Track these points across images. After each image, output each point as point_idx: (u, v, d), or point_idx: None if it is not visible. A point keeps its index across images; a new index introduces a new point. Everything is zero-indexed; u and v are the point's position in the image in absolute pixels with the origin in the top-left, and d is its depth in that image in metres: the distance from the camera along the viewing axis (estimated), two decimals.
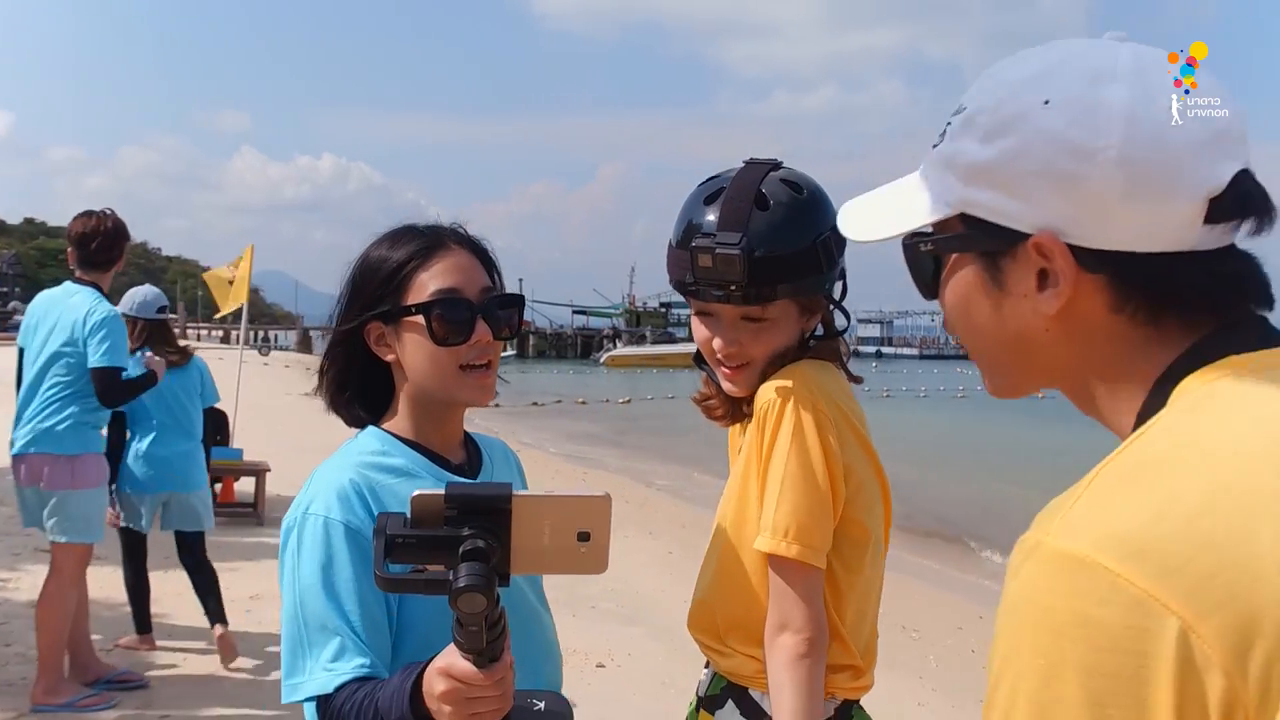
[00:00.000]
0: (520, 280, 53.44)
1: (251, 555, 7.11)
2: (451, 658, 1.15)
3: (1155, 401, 0.77)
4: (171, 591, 5.60)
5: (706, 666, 1.78)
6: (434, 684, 1.17)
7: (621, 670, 5.33)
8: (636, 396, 31.15)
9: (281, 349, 58.81)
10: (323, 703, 1.31)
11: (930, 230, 0.89)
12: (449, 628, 1.16)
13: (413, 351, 1.45)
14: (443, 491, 1.05)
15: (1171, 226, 0.77)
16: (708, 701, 1.71)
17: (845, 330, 1.74)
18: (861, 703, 1.69)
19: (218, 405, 9.40)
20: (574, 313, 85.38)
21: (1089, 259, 0.79)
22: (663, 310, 79.66)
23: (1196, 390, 0.75)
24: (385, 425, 1.51)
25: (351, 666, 1.31)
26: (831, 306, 1.68)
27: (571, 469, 14.82)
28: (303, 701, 1.35)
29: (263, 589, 6.23)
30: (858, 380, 1.72)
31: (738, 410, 1.73)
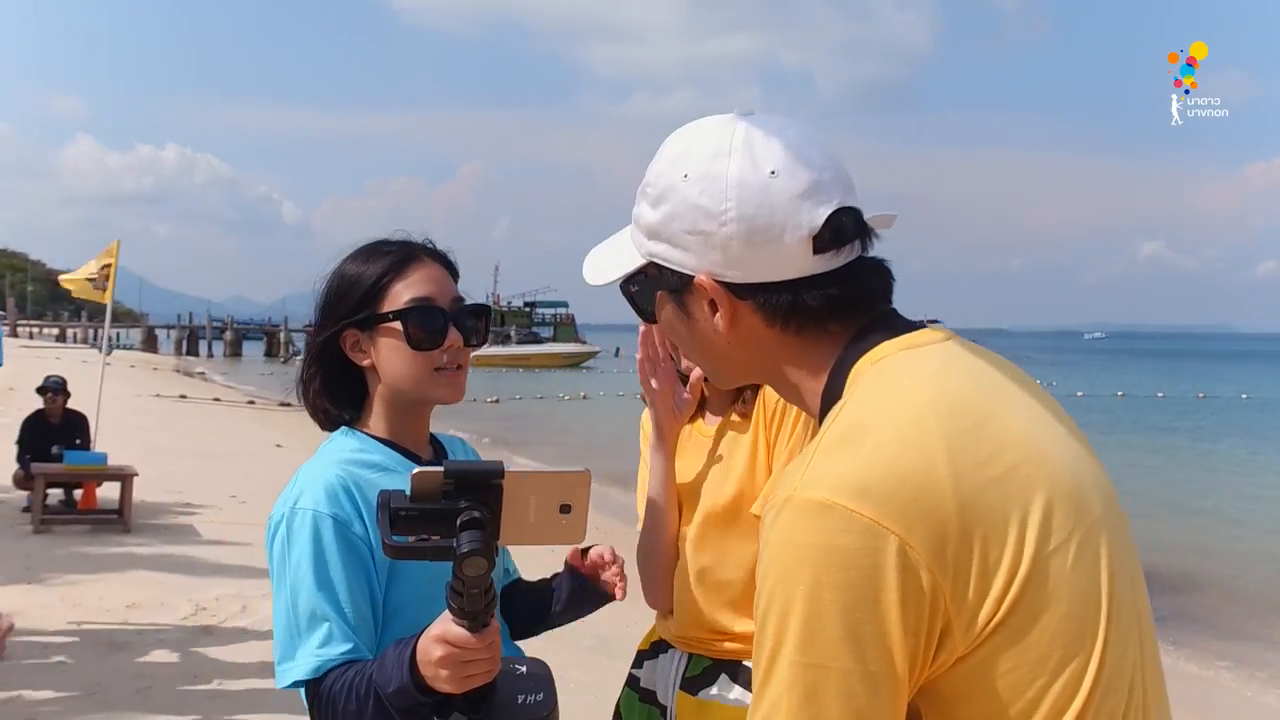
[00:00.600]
0: None
1: (122, 565, 6.78)
2: (446, 625, 1.24)
3: (834, 386, 1.02)
4: None
5: (638, 667, 1.89)
6: (430, 651, 1.26)
7: None
8: (505, 397, 30.94)
9: (125, 348, 55.74)
10: (312, 686, 1.40)
11: (636, 274, 1.12)
12: (435, 610, 1.29)
13: (389, 355, 1.56)
14: (441, 468, 1.14)
15: (788, 260, 1.01)
16: (689, 683, 1.81)
17: None
18: None
19: (77, 409, 8.96)
20: None
21: (738, 289, 1.03)
22: (527, 310, 79.18)
23: (868, 371, 0.99)
24: (359, 426, 1.61)
25: (339, 652, 1.40)
26: None
27: None
28: (293, 686, 1.42)
29: (139, 597, 5.96)
30: None
31: (698, 407, 1.87)
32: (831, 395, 1.02)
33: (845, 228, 1.01)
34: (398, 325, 1.54)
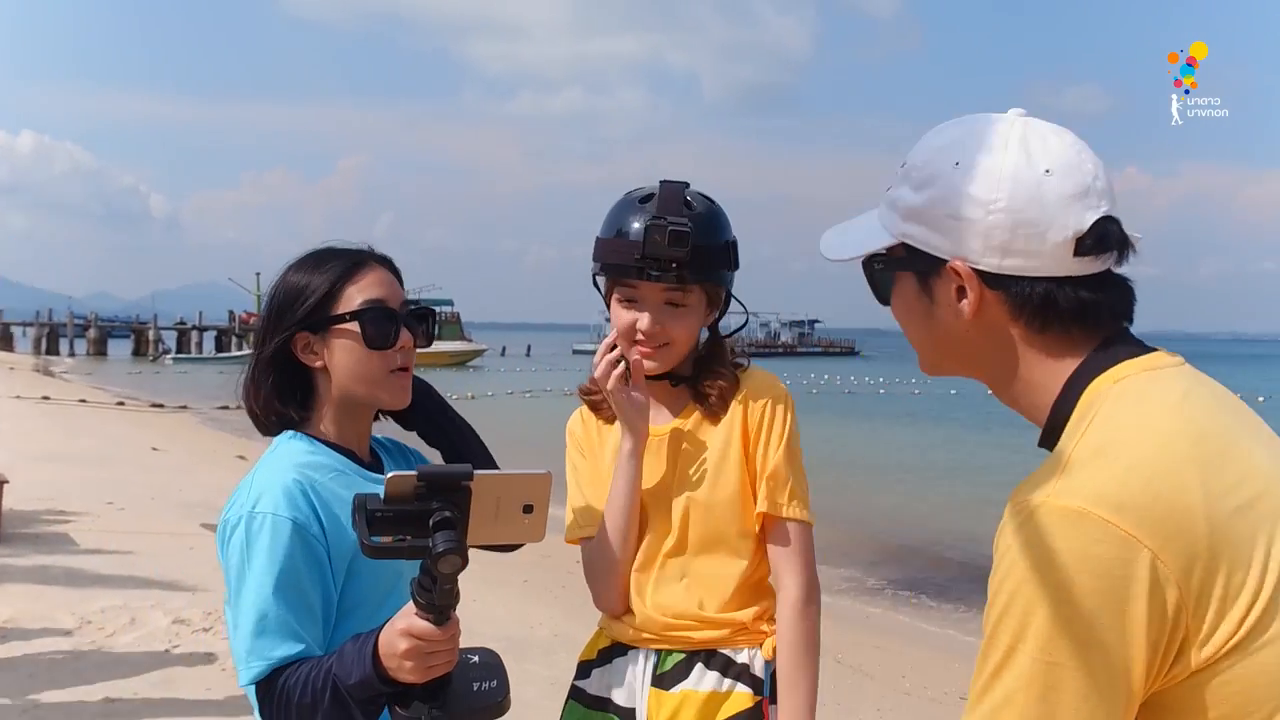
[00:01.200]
0: (258, 274, 50.26)
1: None
2: (411, 620, 1.31)
3: (1069, 395, 1.05)
4: None
5: (583, 677, 1.90)
6: (396, 644, 1.32)
7: None
8: None
9: None
10: (264, 685, 1.45)
11: (883, 253, 1.17)
12: (388, 607, 1.41)
13: (343, 356, 1.62)
14: (414, 472, 1.21)
15: (1048, 258, 1.05)
16: (662, 680, 1.83)
17: (744, 325, 2.04)
18: None
19: None
20: None
21: (990, 279, 1.07)
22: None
23: (1109, 390, 1.02)
24: (306, 430, 1.66)
25: (293, 651, 1.46)
26: (722, 309, 1.92)
27: None
28: (247, 686, 1.47)
29: (17, 612, 5.68)
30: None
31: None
32: (1065, 405, 1.05)
33: (1110, 235, 1.05)
34: (353, 326, 1.60)
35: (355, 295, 1.62)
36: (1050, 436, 1.07)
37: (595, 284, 1.92)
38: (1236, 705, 0.92)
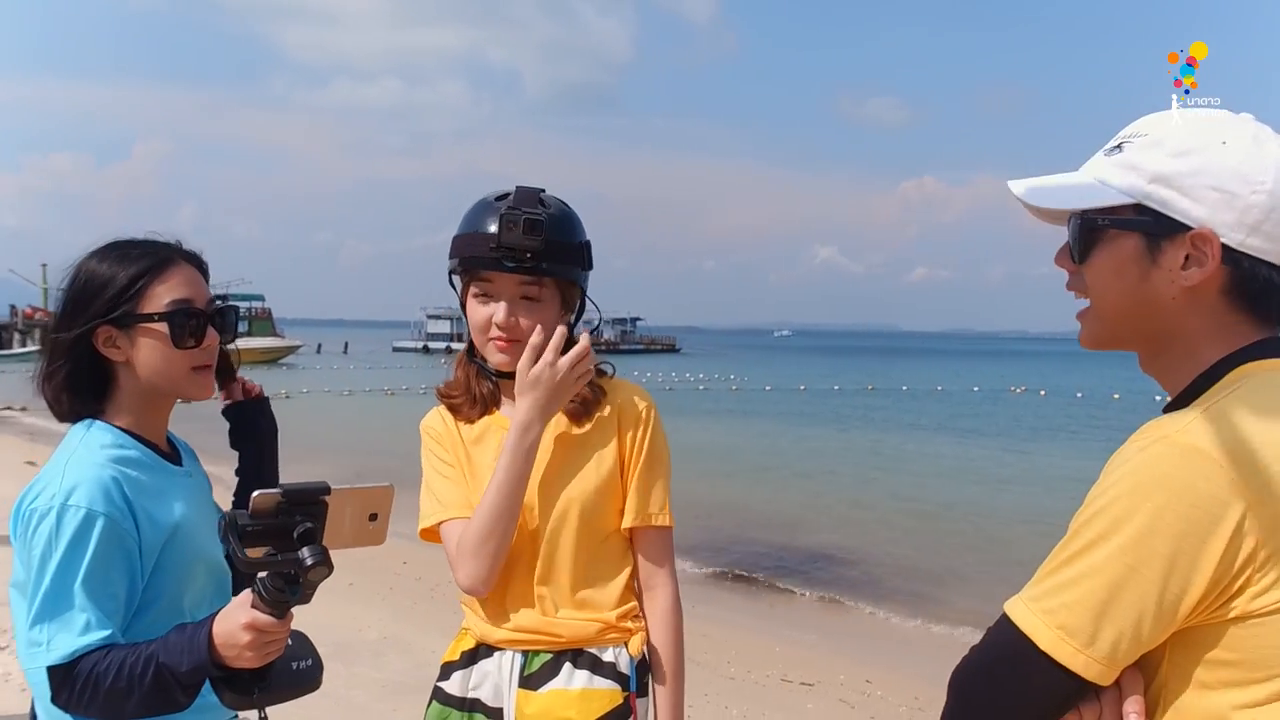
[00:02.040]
0: (44, 266, 46.34)
1: None
2: (253, 614, 1.43)
3: (1216, 371, 1.14)
4: None
5: (445, 679, 1.88)
6: (238, 636, 1.45)
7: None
8: None
9: None
10: (64, 669, 1.50)
11: (1107, 208, 1.18)
12: (186, 598, 1.63)
13: (148, 353, 1.65)
14: (279, 490, 1.36)
15: None
16: (529, 680, 1.83)
17: (596, 326, 2.04)
18: None
19: None
20: None
21: (1227, 253, 1.13)
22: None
23: (1258, 375, 1.12)
24: (108, 419, 1.68)
25: (97, 638, 1.51)
26: (577, 307, 1.94)
27: None
28: (36, 668, 1.51)
29: None
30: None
31: (481, 405, 1.92)
32: (1211, 376, 1.14)
33: None
34: (160, 326, 1.64)
35: (163, 294, 1.65)
36: (1182, 401, 1.16)
37: (452, 284, 1.92)
38: (1261, 657, 1.04)
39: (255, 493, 1.34)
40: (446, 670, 1.92)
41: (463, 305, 1.91)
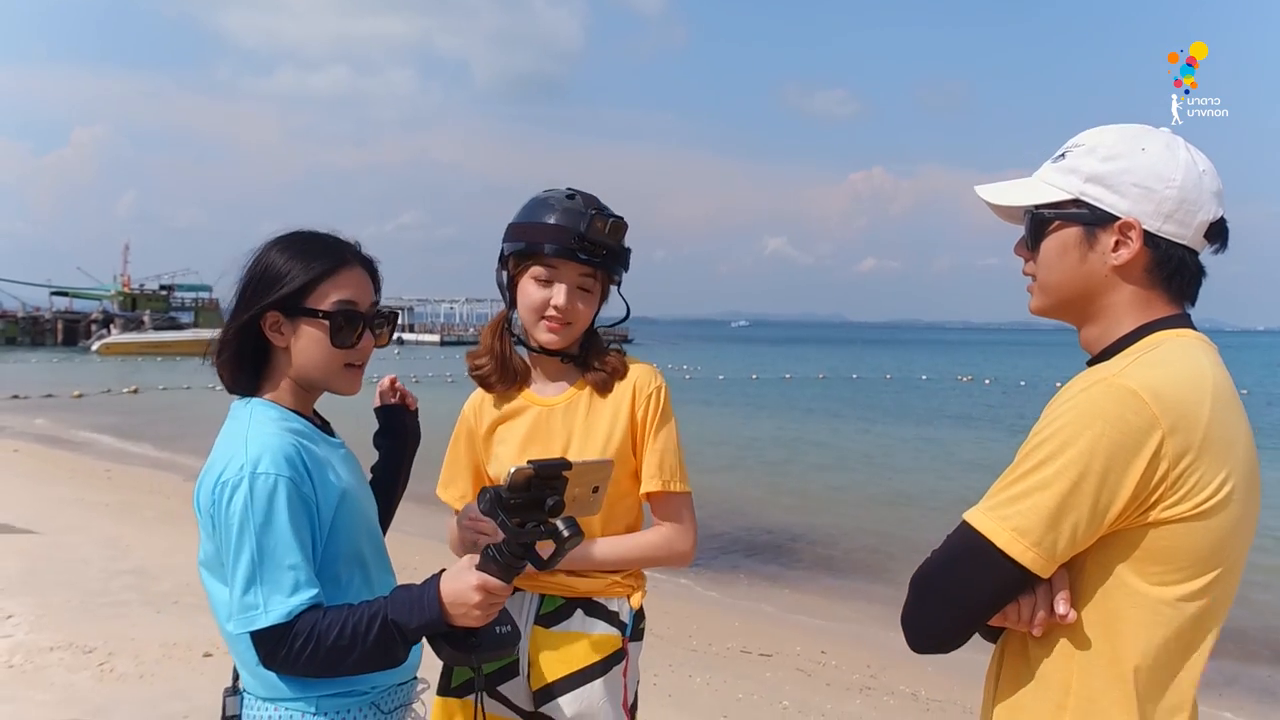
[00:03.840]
0: None
1: None
2: (484, 576, 1.60)
3: (1132, 337, 1.42)
4: None
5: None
6: (469, 596, 1.60)
7: (229, 659, 5.26)
8: (145, 386, 28.46)
9: None
10: (282, 629, 1.60)
11: (1052, 203, 1.47)
12: (356, 562, 1.74)
13: (307, 345, 1.77)
14: (532, 468, 1.52)
15: (1190, 232, 1.42)
16: (545, 619, 2.11)
17: (626, 318, 2.30)
18: None
19: None
20: (53, 294, 73.85)
21: (1148, 238, 1.41)
22: (164, 294, 72.45)
23: (1170, 339, 1.41)
24: (268, 396, 1.81)
25: (308, 597, 1.62)
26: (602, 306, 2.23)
27: (125, 470, 13.54)
28: (253, 632, 1.61)
29: None
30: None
31: (512, 377, 2.19)
32: (1130, 339, 1.42)
33: (1226, 229, 1.44)
34: (322, 322, 1.76)
35: (331, 293, 1.76)
36: (1103, 357, 1.43)
37: (503, 263, 2.15)
38: (1174, 554, 1.31)
39: (512, 469, 1.51)
40: None
41: (509, 287, 2.16)
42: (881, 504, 13.27)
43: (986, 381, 42.46)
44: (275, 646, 1.60)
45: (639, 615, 2.16)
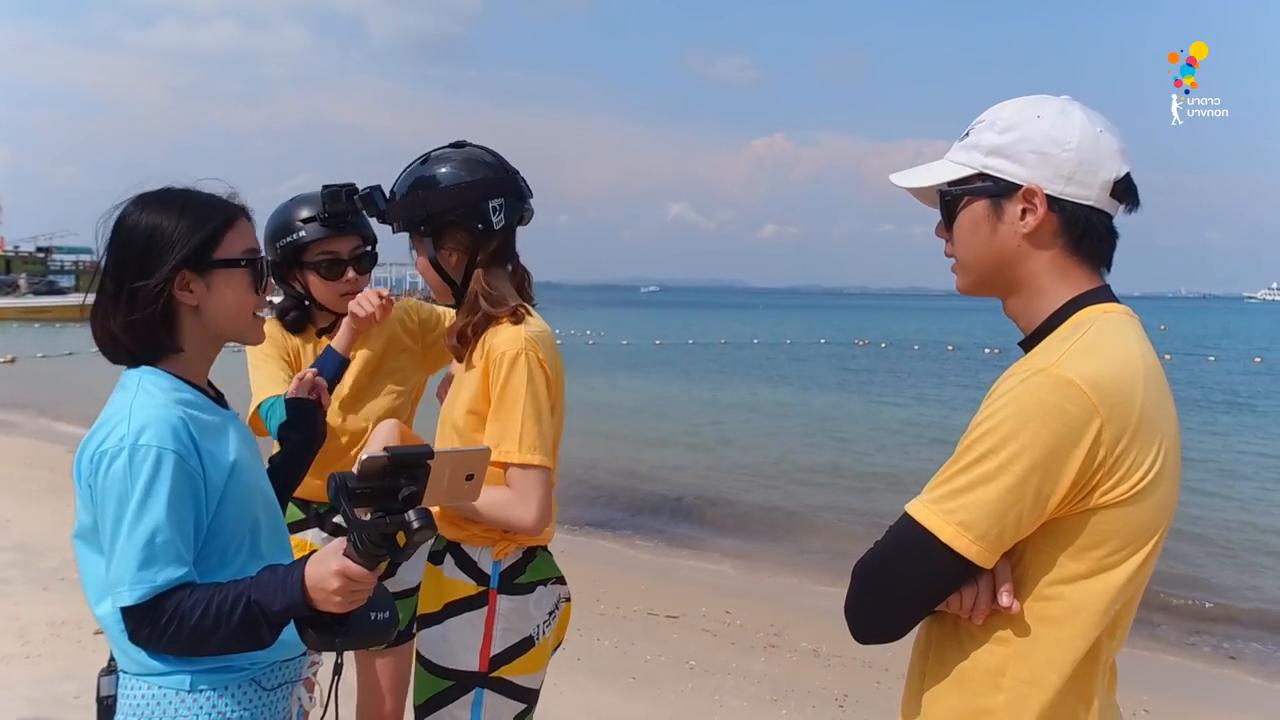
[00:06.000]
0: None
1: None
2: (345, 562, 1.55)
3: (1063, 313, 1.43)
4: None
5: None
6: (329, 582, 1.55)
7: None
8: (23, 355, 27.06)
9: None
10: (147, 606, 1.56)
11: (957, 180, 1.49)
12: (247, 534, 1.69)
13: (222, 298, 1.75)
14: (386, 455, 1.46)
15: (1095, 191, 1.43)
16: (432, 557, 2.29)
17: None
18: None
19: None
20: None
21: (1052, 202, 1.43)
22: (41, 256, 68.98)
23: (1099, 318, 1.41)
24: (163, 365, 1.75)
25: (176, 575, 1.58)
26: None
27: (3, 442, 12.86)
28: (116, 608, 1.57)
29: None
30: None
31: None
32: (1059, 317, 1.43)
33: (1133, 185, 1.45)
34: (241, 272, 1.75)
35: (237, 242, 1.76)
36: (1036, 338, 1.45)
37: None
38: (1110, 535, 1.34)
39: (363, 456, 1.45)
40: None
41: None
42: (784, 467, 13.53)
43: (883, 345, 43.57)
44: (140, 623, 1.57)
45: (514, 570, 2.19)
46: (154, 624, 1.56)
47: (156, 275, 1.69)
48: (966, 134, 1.52)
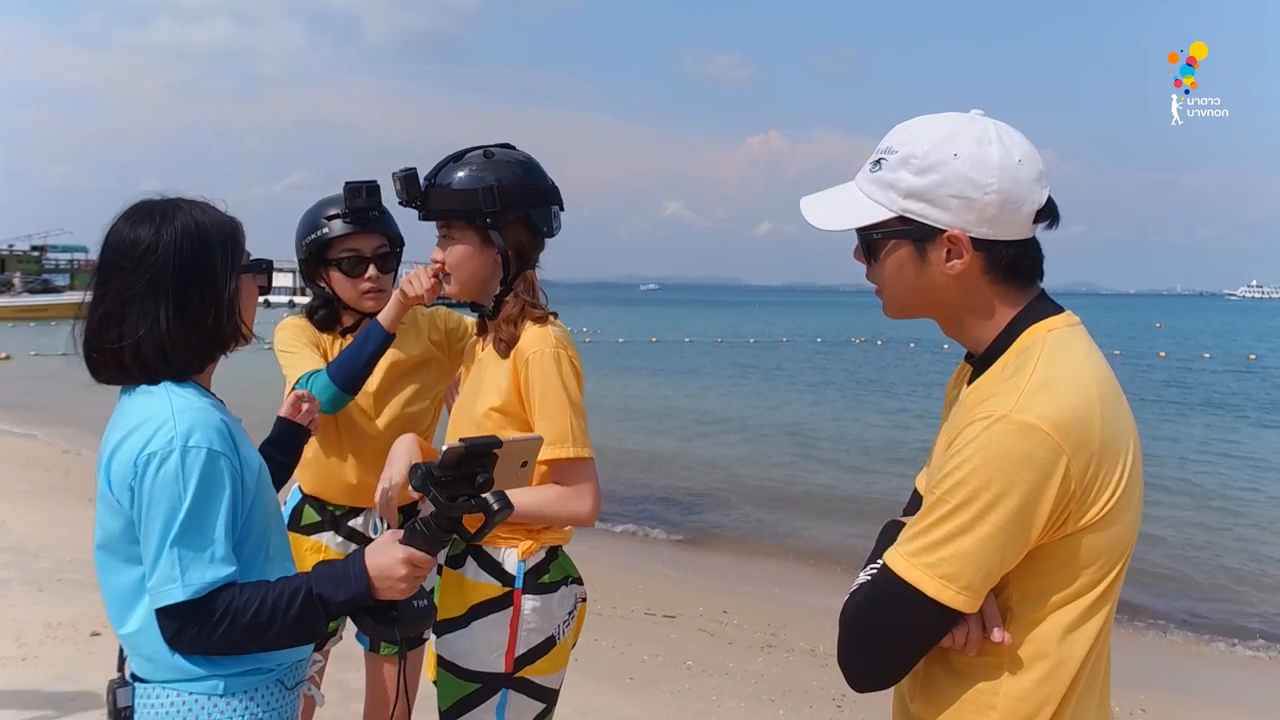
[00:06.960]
0: None
1: None
2: (408, 550, 1.64)
3: (1008, 336, 1.42)
4: None
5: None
6: (395, 569, 1.64)
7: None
8: (18, 353, 27.00)
9: None
10: (197, 604, 1.57)
11: (878, 224, 1.44)
12: (272, 534, 1.74)
13: (248, 298, 1.81)
14: (464, 445, 1.57)
15: (1019, 225, 1.41)
16: (451, 561, 2.26)
17: None
18: None
19: None
20: None
21: (978, 243, 1.40)
22: (36, 254, 68.78)
23: (1043, 338, 1.39)
24: (190, 379, 1.75)
25: (226, 573, 1.60)
26: None
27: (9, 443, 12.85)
28: (165, 608, 1.57)
29: None
30: None
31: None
32: (1004, 340, 1.42)
33: (1055, 207, 1.42)
34: (258, 277, 1.85)
35: (244, 246, 1.80)
36: (986, 361, 1.44)
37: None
38: (1090, 557, 1.35)
39: (445, 446, 1.57)
40: None
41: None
42: (782, 466, 13.54)
43: (879, 343, 43.60)
44: (189, 621, 1.57)
45: (539, 569, 2.20)
46: (204, 621, 1.57)
47: (228, 280, 1.74)
48: (878, 162, 1.46)
